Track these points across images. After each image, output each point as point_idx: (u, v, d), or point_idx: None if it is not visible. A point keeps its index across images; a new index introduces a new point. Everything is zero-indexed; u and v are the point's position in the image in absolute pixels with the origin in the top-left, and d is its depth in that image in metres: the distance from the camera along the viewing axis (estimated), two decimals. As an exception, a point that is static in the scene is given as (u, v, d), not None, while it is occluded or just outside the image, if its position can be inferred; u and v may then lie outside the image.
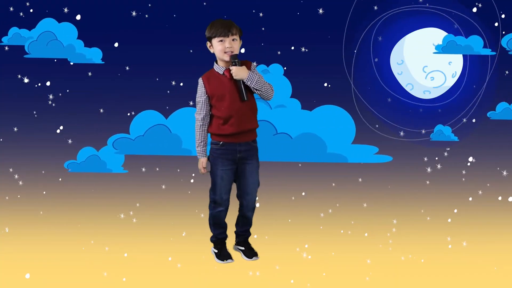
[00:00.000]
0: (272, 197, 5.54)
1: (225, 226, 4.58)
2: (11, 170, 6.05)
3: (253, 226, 4.65)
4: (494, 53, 6.37)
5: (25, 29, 6.28)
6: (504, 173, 6.01)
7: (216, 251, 4.54)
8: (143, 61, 6.35)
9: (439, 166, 6.19)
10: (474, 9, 6.42)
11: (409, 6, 6.50)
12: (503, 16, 6.40)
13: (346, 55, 6.49)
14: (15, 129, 6.24)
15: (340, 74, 6.48)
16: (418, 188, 5.91)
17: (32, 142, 6.23)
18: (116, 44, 6.34)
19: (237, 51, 4.34)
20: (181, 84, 6.36)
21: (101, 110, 6.32)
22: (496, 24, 6.42)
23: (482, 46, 6.39)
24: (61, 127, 6.24)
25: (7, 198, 5.67)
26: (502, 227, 5.10)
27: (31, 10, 6.28)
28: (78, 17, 6.33)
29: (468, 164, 6.19)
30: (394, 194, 5.79)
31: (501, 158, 6.20)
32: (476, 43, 6.38)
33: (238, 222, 4.62)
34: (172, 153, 6.22)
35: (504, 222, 5.20)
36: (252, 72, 4.32)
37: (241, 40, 4.41)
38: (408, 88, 6.64)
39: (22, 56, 6.26)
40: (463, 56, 6.54)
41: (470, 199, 5.59)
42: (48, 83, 6.31)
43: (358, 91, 6.50)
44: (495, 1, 6.38)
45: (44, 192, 5.78)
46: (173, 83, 6.35)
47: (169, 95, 6.34)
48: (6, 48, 6.25)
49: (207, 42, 4.38)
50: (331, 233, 5.03)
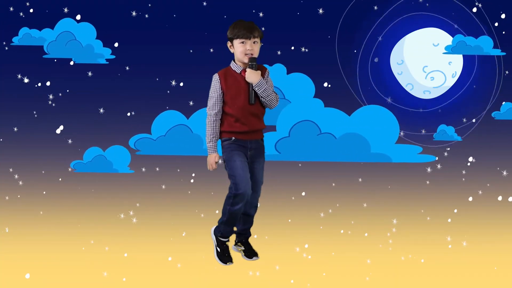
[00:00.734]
0: (272, 197, 5.54)
1: (236, 226, 4.57)
2: (11, 170, 6.05)
3: (253, 226, 4.65)
4: (504, 53, 6.37)
5: (36, 29, 6.29)
6: (504, 173, 6.02)
7: (219, 251, 4.52)
8: (143, 61, 6.35)
9: (439, 166, 6.19)
10: (474, 9, 6.42)
11: (409, 6, 6.50)
12: (503, 16, 6.40)
13: (346, 55, 6.49)
14: (15, 129, 6.24)
15: (340, 74, 6.48)
16: (418, 188, 5.91)
17: (32, 142, 6.23)
18: (116, 44, 6.35)
19: (257, 54, 4.36)
20: (181, 84, 6.36)
21: (101, 110, 6.32)
22: (496, 24, 6.42)
23: (492, 47, 6.39)
24: (61, 127, 6.24)
25: (7, 198, 5.67)
26: (502, 227, 5.10)
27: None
28: (78, 17, 6.33)
29: (468, 164, 6.19)
30: (394, 194, 5.79)
31: (501, 158, 6.20)
32: (486, 44, 6.38)
33: (240, 221, 4.61)
34: (193, 153, 6.21)
35: (504, 222, 5.20)
36: (263, 79, 4.34)
37: (262, 43, 4.43)
38: (408, 88, 6.64)
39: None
40: (463, 56, 6.54)
41: (470, 199, 5.59)
42: (48, 83, 6.31)
43: (358, 91, 6.50)
44: (495, 1, 6.38)
45: (44, 192, 5.78)
46: (173, 83, 6.35)
47: (169, 95, 6.34)
48: (6, 49, 6.25)
49: (228, 42, 4.40)
50: (331, 233, 5.02)
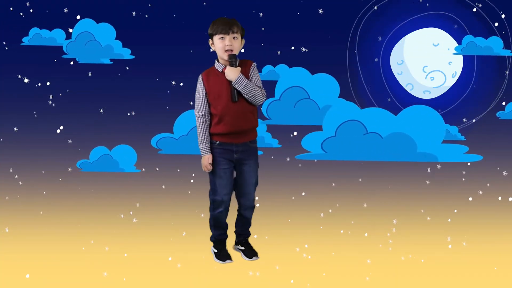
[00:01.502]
0: (272, 197, 5.54)
1: (225, 227, 4.57)
2: (11, 170, 6.05)
3: (253, 226, 4.65)
4: None
5: (46, 29, 6.29)
6: (504, 173, 6.02)
7: (216, 251, 4.54)
8: (143, 61, 6.36)
9: (439, 166, 6.19)
10: (474, 9, 6.42)
11: (409, 6, 6.51)
12: (503, 16, 6.40)
13: (346, 55, 6.50)
14: (15, 129, 6.24)
15: (340, 74, 6.48)
16: (418, 188, 5.91)
17: (32, 142, 6.23)
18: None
19: (237, 50, 4.33)
20: (181, 84, 6.36)
21: (101, 110, 6.32)
22: (496, 24, 6.42)
23: (502, 47, 6.40)
24: (61, 127, 6.24)
25: (7, 198, 5.67)
26: (502, 227, 5.10)
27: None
28: (78, 17, 6.33)
29: (468, 164, 6.19)
30: (394, 194, 5.79)
31: (501, 158, 6.20)
32: (496, 44, 6.39)
33: (238, 222, 4.62)
34: None
35: (504, 222, 5.20)
36: (242, 76, 4.29)
37: (244, 40, 4.39)
38: (408, 88, 6.65)
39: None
40: (463, 56, 6.54)
41: (470, 199, 5.59)
42: (48, 83, 6.31)
43: (358, 91, 6.50)
44: (495, 1, 6.38)
45: (44, 192, 5.78)
46: (173, 83, 6.35)
47: (169, 95, 6.34)
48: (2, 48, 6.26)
49: (209, 40, 4.38)
50: (331, 233, 5.02)
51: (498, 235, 4.96)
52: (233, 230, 4.67)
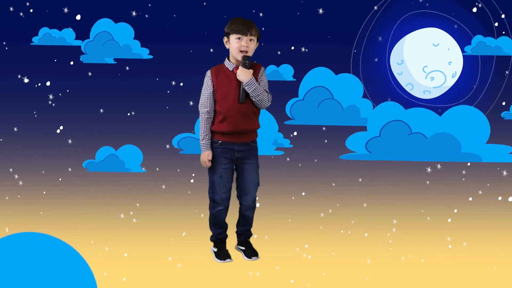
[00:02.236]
0: (272, 197, 5.54)
1: (225, 226, 4.57)
2: (11, 170, 6.05)
3: (253, 226, 4.65)
4: None
5: (56, 29, 6.29)
6: (504, 173, 6.02)
7: (216, 250, 4.54)
8: (143, 61, 6.36)
9: (439, 166, 6.19)
10: (474, 9, 6.42)
11: (409, 6, 6.50)
12: (503, 16, 6.40)
13: (346, 55, 6.50)
14: (15, 129, 6.24)
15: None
16: (418, 188, 5.91)
17: (32, 142, 6.23)
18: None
19: (252, 53, 4.34)
20: (181, 84, 6.36)
21: (101, 110, 6.32)
22: (496, 24, 6.42)
23: None
24: (61, 127, 6.24)
25: (7, 198, 5.67)
26: (502, 227, 5.10)
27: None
28: (78, 17, 6.33)
29: (468, 164, 6.19)
30: (394, 194, 5.79)
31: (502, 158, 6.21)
32: (506, 44, 6.39)
33: (239, 222, 4.62)
34: None
35: (504, 222, 5.19)
36: (254, 79, 4.30)
37: (258, 43, 4.41)
38: (408, 88, 6.64)
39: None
40: (463, 56, 6.54)
41: (470, 199, 5.59)
42: (48, 83, 6.31)
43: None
44: (495, 1, 6.38)
45: (44, 192, 5.78)
46: (173, 83, 6.35)
47: (169, 95, 6.34)
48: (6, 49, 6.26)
49: (224, 37, 4.38)
50: (331, 233, 5.02)
51: (498, 235, 4.96)
52: (234, 230, 4.67)
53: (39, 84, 6.30)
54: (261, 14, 6.32)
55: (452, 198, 5.65)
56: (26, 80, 6.28)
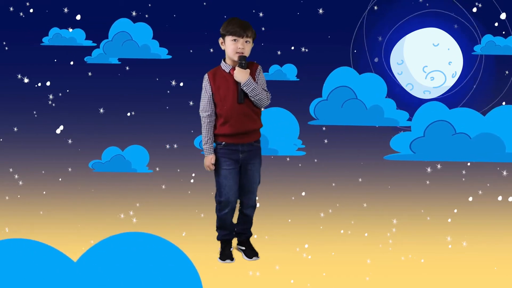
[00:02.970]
0: (272, 197, 5.54)
1: (231, 228, 4.56)
2: (11, 170, 6.05)
3: (253, 226, 4.65)
4: None
5: (65, 30, 6.30)
6: (504, 173, 6.02)
7: (220, 249, 4.54)
8: (143, 61, 6.36)
9: (439, 166, 6.19)
10: (474, 9, 6.42)
11: (409, 6, 6.50)
12: (503, 16, 6.40)
13: (346, 55, 6.50)
14: (15, 129, 6.24)
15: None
16: (418, 188, 5.91)
17: (32, 142, 6.23)
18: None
19: (248, 54, 4.34)
20: (181, 84, 6.36)
21: (101, 110, 6.32)
22: (496, 24, 6.42)
23: None
24: (61, 127, 6.24)
25: (7, 198, 5.67)
26: (502, 227, 5.10)
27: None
28: (78, 17, 6.33)
29: (468, 164, 6.19)
30: (394, 194, 5.79)
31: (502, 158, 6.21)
32: None
33: (239, 221, 4.62)
34: None
35: (504, 222, 5.20)
36: (251, 78, 4.29)
37: (253, 44, 4.41)
38: (408, 88, 6.64)
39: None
40: (463, 56, 6.54)
41: (470, 199, 5.59)
42: (48, 83, 6.31)
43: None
44: (495, 1, 6.38)
45: (44, 192, 5.78)
46: (173, 83, 6.35)
47: (169, 95, 6.34)
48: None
49: (220, 38, 4.37)
50: (331, 233, 5.02)
51: (498, 235, 4.96)
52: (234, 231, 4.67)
53: (39, 84, 6.30)
54: (261, 14, 6.32)
55: (452, 198, 5.65)
56: (26, 80, 6.28)
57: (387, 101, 6.39)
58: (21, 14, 6.36)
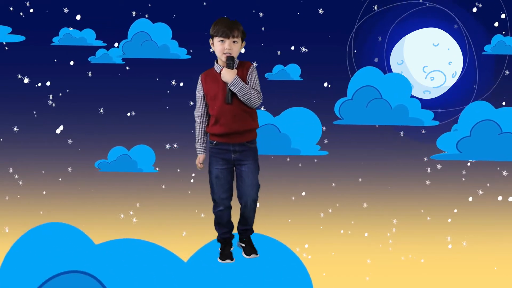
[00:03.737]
0: (272, 197, 5.53)
1: (229, 226, 4.56)
2: (11, 170, 6.05)
3: (253, 226, 4.64)
4: None
5: (76, 30, 6.29)
6: (504, 173, 6.01)
7: (219, 249, 4.54)
8: (143, 61, 6.36)
9: (439, 166, 6.19)
10: (474, 9, 6.42)
11: (409, 6, 6.50)
12: (503, 16, 6.40)
13: (346, 55, 6.49)
14: (15, 129, 6.24)
15: (340, 74, 6.48)
16: (418, 188, 5.90)
17: (32, 142, 6.23)
18: (116, 44, 6.35)
19: (236, 54, 4.34)
20: (181, 84, 6.36)
21: (101, 110, 6.32)
22: (496, 24, 6.42)
23: None
24: (61, 127, 6.24)
25: (7, 198, 5.67)
26: (502, 227, 5.10)
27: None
28: (78, 17, 6.33)
29: (468, 164, 6.19)
30: (394, 194, 5.79)
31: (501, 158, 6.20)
32: None
33: (240, 221, 4.62)
34: (281, 153, 6.18)
35: (504, 222, 5.20)
36: (238, 78, 4.29)
37: (245, 42, 4.41)
38: (408, 88, 6.63)
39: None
40: (463, 56, 6.54)
41: (470, 199, 5.59)
42: (48, 83, 6.31)
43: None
44: (495, 1, 6.38)
45: (44, 192, 5.78)
46: (173, 83, 6.35)
47: (169, 95, 6.34)
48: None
49: (210, 39, 4.41)
50: (331, 233, 5.02)
51: (498, 235, 4.96)
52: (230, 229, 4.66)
53: (39, 84, 6.30)
54: (261, 14, 6.32)
55: (452, 198, 5.65)
56: (26, 80, 6.27)
57: (412, 101, 6.39)
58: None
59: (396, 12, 6.52)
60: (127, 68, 6.36)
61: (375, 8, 6.46)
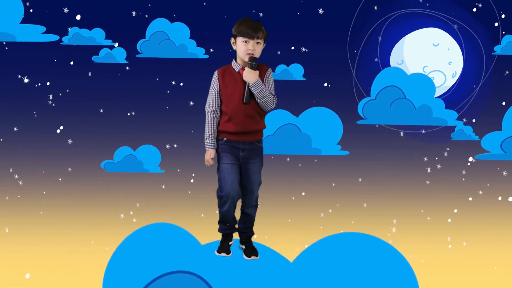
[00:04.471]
0: (272, 197, 5.53)
1: (232, 222, 4.57)
2: (11, 170, 6.05)
3: (253, 226, 4.64)
4: None
5: (86, 29, 6.30)
6: (504, 173, 6.01)
7: (219, 243, 4.56)
8: (143, 61, 6.36)
9: (439, 166, 6.19)
10: (474, 9, 6.42)
11: (409, 6, 6.50)
12: (503, 16, 6.40)
13: (346, 55, 6.49)
14: (15, 129, 6.24)
15: (340, 74, 6.48)
16: (418, 188, 5.90)
17: (32, 142, 6.23)
18: (116, 44, 6.35)
19: (259, 55, 4.38)
20: (181, 84, 6.36)
21: (101, 110, 6.32)
22: (496, 24, 6.42)
23: None
24: (61, 127, 6.24)
25: (7, 198, 5.67)
26: (502, 227, 5.10)
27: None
28: (78, 17, 6.33)
29: (468, 164, 6.19)
30: (394, 194, 5.79)
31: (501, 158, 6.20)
32: None
33: (240, 220, 4.63)
34: (302, 153, 6.18)
35: (504, 222, 5.20)
36: (260, 80, 4.33)
37: (265, 44, 4.44)
38: (408, 88, 6.64)
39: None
40: (463, 56, 6.54)
41: (470, 199, 5.59)
42: (48, 83, 6.31)
43: (358, 91, 6.50)
44: (495, 1, 6.38)
45: (44, 192, 5.78)
46: (173, 83, 6.35)
47: (169, 95, 6.34)
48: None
49: (232, 38, 4.41)
50: (331, 233, 5.02)
51: (498, 235, 4.96)
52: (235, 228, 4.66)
53: (39, 84, 6.30)
54: (261, 14, 6.32)
55: (452, 198, 5.65)
56: (26, 80, 6.27)
57: (436, 101, 6.38)
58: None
59: (396, 12, 6.52)
60: (127, 68, 6.37)
61: (375, 8, 6.46)
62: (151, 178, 6.06)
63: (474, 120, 6.46)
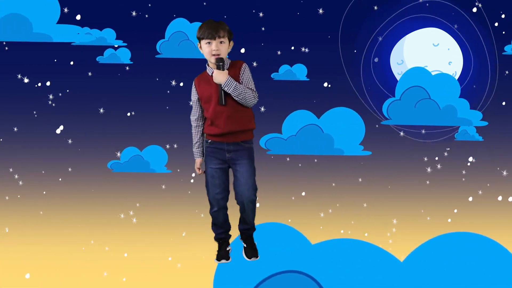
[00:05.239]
0: (272, 197, 5.54)
1: (225, 227, 4.56)
2: (11, 170, 6.05)
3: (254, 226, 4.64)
4: None
5: (96, 29, 6.30)
6: (504, 173, 6.02)
7: (217, 249, 4.55)
8: (143, 61, 6.36)
9: (439, 166, 6.19)
10: (474, 9, 6.42)
11: (409, 6, 6.51)
12: (503, 16, 6.40)
13: (346, 55, 6.50)
14: (15, 129, 6.24)
15: (340, 75, 6.48)
16: (418, 188, 5.90)
17: (32, 142, 6.23)
18: (116, 45, 6.35)
19: (225, 54, 4.35)
20: (181, 84, 6.37)
21: (101, 110, 6.32)
22: (496, 24, 6.42)
23: None
24: (61, 127, 6.24)
25: (7, 198, 5.67)
26: (502, 227, 5.11)
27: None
28: (78, 17, 6.33)
29: (468, 164, 6.19)
30: (394, 194, 5.79)
31: (501, 158, 6.20)
32: None
33: (240, 221, 4.62)
34: (324, 153, 6.18)
35: (504, 222, 5.20)
36: (231, 78, 4.29)
37: (233, 42, 4.40)
38: (409, 88, 6.63)
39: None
40: (463, 56, 6.54)
41: (470, 199, 5.59)
42: (48, 83, 6.31)
43: (358, 91, 6.50)
44: (495, 1, 6.38)
45: (44, 192, 5.78)
46: (173, 83, 6.35)
47: (169, 95, 6.34)
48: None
49: (198, 43, 4.42)
50: (331, 233, 5.02)
51: (498, 235, 4.96)
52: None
53: (39, 84, 6.30)
54: (261, 14, 6.32)
55: (452, 198, 5.65)
56: (26, 80, 6.27)
57: (461, 101, 6.38)
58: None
59: (396, 12, 6.52)
60: (127, 68, 6.37)
61: (375, 8, 6.47)
62: (152, 178, 6.07)
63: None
